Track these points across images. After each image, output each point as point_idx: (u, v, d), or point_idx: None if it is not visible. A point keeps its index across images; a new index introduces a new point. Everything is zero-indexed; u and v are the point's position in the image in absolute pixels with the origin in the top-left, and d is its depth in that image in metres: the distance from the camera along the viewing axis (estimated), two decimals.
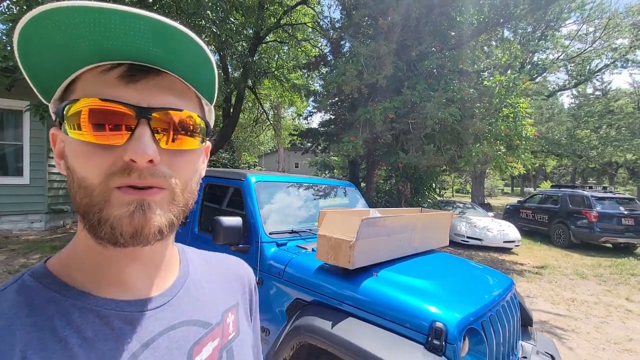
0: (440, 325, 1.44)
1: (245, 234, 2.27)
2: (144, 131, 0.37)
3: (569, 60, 16.55)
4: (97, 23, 0.33)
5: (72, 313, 0.37)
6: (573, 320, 4.28)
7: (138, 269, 0.42)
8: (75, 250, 0.42)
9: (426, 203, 8.83)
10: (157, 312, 0.42)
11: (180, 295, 0.46)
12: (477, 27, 6.52)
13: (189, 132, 0.41)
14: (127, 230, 0.36)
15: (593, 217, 8.48)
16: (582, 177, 29.68)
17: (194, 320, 0.46)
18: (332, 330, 1.57)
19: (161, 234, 0.38)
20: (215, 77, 0.43)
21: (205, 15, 5.57)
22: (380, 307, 1.61)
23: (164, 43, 0.36)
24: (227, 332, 0.49)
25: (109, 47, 0.35)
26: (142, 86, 0.38)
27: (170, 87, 0.40)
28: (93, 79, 0.37)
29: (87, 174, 0.36)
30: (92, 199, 0.36)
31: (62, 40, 0.33)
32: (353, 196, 3.32)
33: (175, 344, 0.42)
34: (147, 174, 0.37)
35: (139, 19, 0.33)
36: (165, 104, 0.39)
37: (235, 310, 0.53)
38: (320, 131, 11.70)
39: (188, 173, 0.42)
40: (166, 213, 0.39)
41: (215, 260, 0.58)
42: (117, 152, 0.36)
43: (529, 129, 6.65)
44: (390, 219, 1.99)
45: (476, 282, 2.01)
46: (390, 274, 1.82)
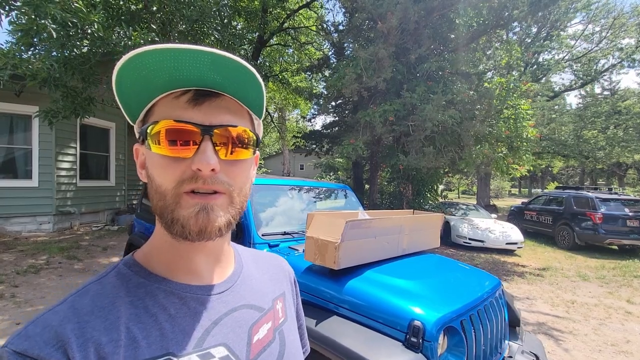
0: (418, 323, 1.49)
1: (239, 235, 2.35)
2: (207, 145, 0.44)
3: (574, 61, 16.39)
4: (171, 59, 0.41)
5: (158, 295, 0.46)
6: (571, 322, 4.28)
7: (204, 259, 0.51)
8: (154, 244, 0.51)
9: (428, 205, 8.85)
10: (222, 296, 0.51)
11: (238, 283, 0.55)
12: (477, 29, 6.54)
13: (243, 145, 0.48)
14: (194, 228, 0.44)
15: (597, 219, 8.40)
16: (591, 178, 29.24)
17: (251, 304, 0.54)
18: (315, 327, 1.63)
19: (220, 231, 0.46)
20: (264, 96, 0.51)
21: (209, 22, 5.71)
22: (363, 306, 1.67)
23: (221, 71, 0.44)
24: (277, 316, 0.58)
25: (178, 77, 0.43)
26: (206, 108, 0.45)
27: (227, 107, 0.47)
28: (168, 103, 0.45)
29: (162, 181, 0.44)
30: (165, 202, 0.44)
31: (146, 74, 0.42)
32: (349, 199, 3.38)
33: (237, 323, 0.50)
34: (210, 181, 0.44)
35: (202, 54, 0.41)
36: (223, 121, 0.46)
37: (282, 299, 0.62)
38: (324, 133, 11.79)
39: (243, 179, 0.50)
40: (225, 214, 0.46)
41: (261, 257, 0.67)
42: (187, 163, 0.44)
43: (529, 131, 6.65)
44: (376, 221, 2.05)
45: (460, 282, 2.06)
46: (375, 274, 1.88)
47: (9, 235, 6.56)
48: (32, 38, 4.11)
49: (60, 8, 3.89)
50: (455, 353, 1.60)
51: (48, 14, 3.80)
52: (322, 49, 12.50)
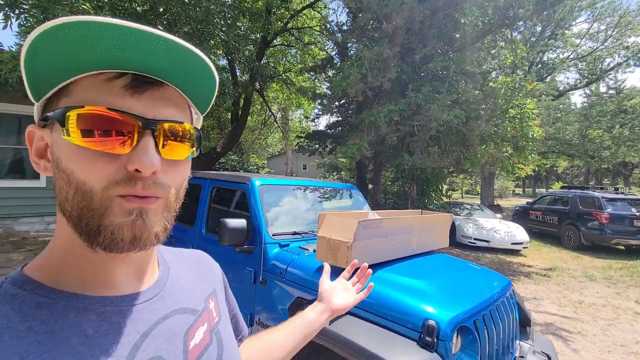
0: (433, 323, 1.50)
1: (250, 235, 2.37)
2: (149, 142, 0.38)
3: (580, 59, 16.29)
4: (115, 38, 0.35)
5: (68, 314, 0.38)
6: (580, 322, 4.26)
7: (127, 269, 0.44)
8: (56, 254, 0.42)
9: (433, 205, 8.83)
10: (150, 303, 0.45)
11: (168, 286, 0.49)
12: (482, 28, 6.52)
13: (188, 145, 0.43)
14: (127, 236, 0.38)
15: (604, 219, 8.35)
16: (596, 177, 29.02)
17: (184, 308, 0.49)
18: (330, 327, 1.64)
19: (157, 239, 0.41)
20: (215, 93, 0.46)
21: (214, 22, 5.73)
22: (377, 306, 1.68)
23: (174, 60, 0.39)
24: (212, 316, 0.53)
25: (117, 57, 0.37)
26: (147, 98, 0.39)
27: (172, 100, 0.42)
28: (97, 86, 0.38)
29: (87, 179, 0.37)
30: (91, 204, 0.37)
31: (74, 48, 0.35)
32: (355, 198, 3.39)
33: (171, 331, 0.44)
34: (150, 183, 0.39)
35: (157, 38, 0.36)
36: (169, 116, 0.41)
37: (214, 297, 0.57)
38: (327, 133, 11.79)
39: (181, 181, 0.45)
40: (161, 220, 0.41)
41: (185, 255, 0.61)
42: (121, 160, 0.38)
43: (535, 130, 6.62)
44: (387, 221, 2.06)
45: (472, 282, 2.06)
46: (387, 274, 1.89)
47: (18, 235, 6.62)
48: None
49: (68, 10, 3.93)
50: (468, 352, 1.60)
51: (56, 16, 3.84)
52: (326, 49, 12.51)
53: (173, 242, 3.25)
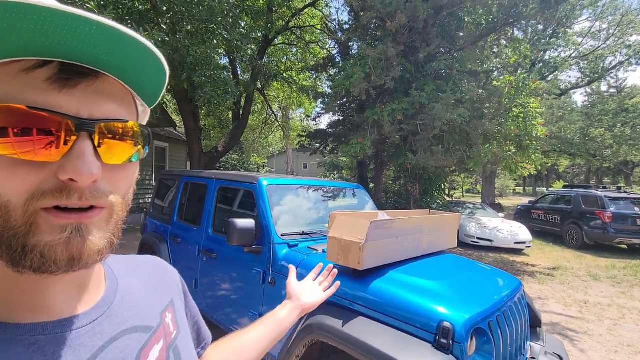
0: (448, 324, 1.48)
1: (258, 235, 2.35)
2: (86, 146, 0.32)
3: (581, 58, 16.26)
4: (38, 20, 0.28)
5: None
6: (585, 322, 4.25)
7: (64, 288, 0.37)
8: None
9: (435, 204, 8.81)
10: (94, 326, 0.38)
11: (116, 303, 0.43)
12: (486, 27, 6.49)
13: (133, 145, 0.37)
14: (62, 257, 0.31)
15: (607, 218, 8.34)
16: (597, 176, 29.00)
17: (135, 326, 0.43)
18: (343, 329, 1.63)
19: (101, 255, 0.35)
20: (165, 83, 0.40)
21: (217, 21, 5.70)
22: (390, 307, 1.66)
23: (112, 47, 0.32)
24: (169, 331, 0.48)
25: (39, 42, 0.29)
26: (81, 93, 0.33)
27: (111, 93, 0.35)
28: (11, 77, 0.30)
29: (4, 191, 0.30)
30: (10, 222, 0.31)
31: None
32: (362, 198, 3.37)
33: (120, 355, 0.39)
34: (89, 194, 0.32)
35: (88, 22, 0.29)
36: (108, 113, 0.35)
37: (172, 308, 0.52)
38: (329, 132, 11.77)
39: (127, 187, 0.39)
40: (106, 233, 0.35)
41: (138, 263, 0.55)
42: (49, 169, 0.31)
43: (539, 129, 6.60)
44: (398, 221, 2.05)
45: (484, 283, 2.05)
46: (399, 275, 1.87)
47: None
48: None
49: None
50: (483, 355, 1.59)
51: None
52: (327, 48, 12.49)
53: (178, 242, 3.24)
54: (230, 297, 2.60)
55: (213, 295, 2.77)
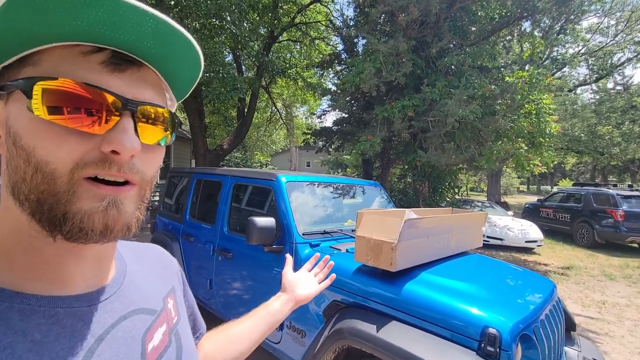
0: (494, 331, 1.38)
1: (278, 234, 2.26)
2: (129, 123, 0.35)
3: (590, 55, 16.04)
4: (99, 9, 0.31)
5: (11, 317, 0.33)
6: (606, 323, 4.14)
7: (83, 264, 0.39)
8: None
9: (444, 202, 8.69)
10: (106, 304, 0.41)
11: (125, 285, 0.45)
12: (499, 21, 6.35)
13: (165, 129, 0.41)
14: (97, 226, 0.34)
15: (619, 216, 8.20)
16: (602, 174, 28.73)
17: (142, 308, 0.45)
18: (377, 334, 1.53)
19: (129, 230, 0.37)
20: (197, 79, 0.44)
21: (224, 16, 5.59)
22: (426, 311, 1.57)
23: (160, 40, 0.36)
24: (170, 317, 0.50)
25: (99, 31, 0.33)
26: (128, 77, 0.36)
27: (151, 82, 0.39)
28: (71, 58, 0.34)
29: (51, 158, 0.33)
30: (54, 187, 0.33)
31: (52, 17, 0.31)
32: (380, 196, 3.27)
33: (129, 334, 0.41)
34: (126, 168, 0.35)
35: (146, 15, 0.33)
36: (149, 98, 0.38)
37: (173, 295, 0.54)
38: (334, 130, 11.65)
39: (155, 168, 0.41)
40: (135, 210, 0.38)
41: (141, 249, 0.58)
42: (94, 140, 0.34)
43: (552, 126, 6.46)
44: (428, 220, 1.95)
45: (521, 286, 1.95)
46: (433, 277, 1.77)
47: None
48: None
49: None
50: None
51: None
52: (333, 44, 12.35)
53: (191, 240, 3.15)
54: (247, 298, 2.51)
55: (229, 295, 2.68)
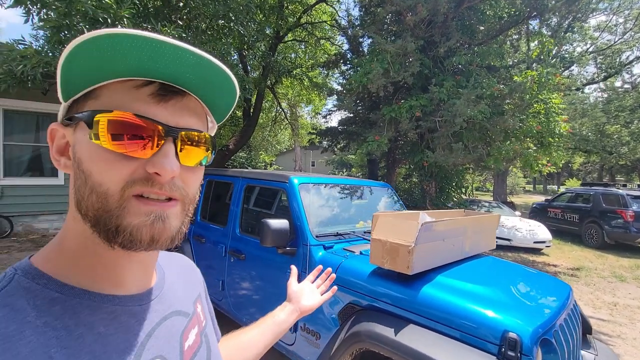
0: (514, 335, 1.38)
1: (292, 236, 2.26)
2: (171, 148, 0.40)
3: (598, 53, 15.85)
4: (150, 50, 0.36)
5: (81, 311, 0.38)
6: (617, 325, 4.10)
7: (135, 269, 0.45)
8: (67, 249, 0.42)
9: (451, 202, 8.65)
10: (153, 304, 0.46)
11: (165, 289, 0.51)
12: (507, 20, 6.29)
13: (205, 151, 0.45)
14: (145, 238, 0.39)
15: (629, 217, 8.10)
16: (610, 174, 28.38)
17: (179, 310, 0.51)
18: (396, 337, 1.53)
19: (172, 241, 0.42)
20: (234, 105, 0.49)
21: (232, 17, 5.60)
22: (445, 314, 1.56)
23: (200, 72, 0.40)
24: (200, 320, 0.56)
25: (148, 67, 0.38)
26: (172, 106, 0.41)
27: (194, 109, 0.44)
28: (125, 92, 0.39)
29: (104, 180, 0.38)
30: (107, 205, 0.38)
31: (111, 56, 0.36)
32: (391, 198, 3.27)
33: (170, 332, 0.46)
34: (168, 187, 0.40)
35: (187, 52, 0.37)
36: (190, 125, 0.43)
37: (200, 301, 0.59)
38: (340, 130, 11.63)
39: (196, 186, 0.46)
40: (178, 223, 0.42)
41: (171, 258, 0.62)
42: (139, 163, 0.39)
43: (562, 126, 6.40)
44: (444, 223, 1.94)
45: (538, 289, 1.93)
46: (449, 280, 1.77)
47: (37, 232, 6.63)
48: (61, 35, 4.07)
49: (92, 4, 3.83)
50: None
51: (80, 10, 3.75)
52: (338, 43, 12.33)
53: (202, 242, 3.16)
54: (261, 300, 2.52)
55: (242, 297, 2.69)
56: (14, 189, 6.39)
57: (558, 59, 13.85)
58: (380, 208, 3.09)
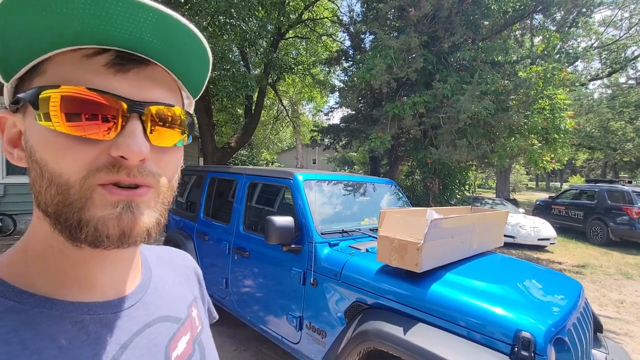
0: (527, 334, 1.34)
1: (296, 233, 2.23)
2: (137, 126, 0.34)
3: (603, 48, 15.69)
4: (99, 7, 0.30)
5: (41, 322, 0.34)
6: (625, 323, 4.05)
7: (110, 269, 0.39)
8: (32, 250, 0.37)
9: (454, 199, 8.60)
10: (131, 311, 0.41)
11: (150, 291, 0.45)
12: (512, 15, 6.21)
13: (179, 130, 0.39)
14: (114, 232, 0.33)
15: (635, 214, 8.03)
16: (614, 171, 28.18)
17: (167, 316, 0.45)
18: (405, 336, 1.50)
19: (149, 235, 0.36)
20: (208, 74, 0.42)
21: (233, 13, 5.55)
22: (455, 313, 1.52)
23: (164, 35, 0.34)
24: (195, 325, 0.49)
25: (100, 31, 0.32)
26: (134, 77, 0.35)
27: (161, 80, 0.38)
28: (75, 63, 0.33)
29: (63, 169, 0.32)
30: (67, 197, 0.33)
31: (52, 20, 0.30)
32: (396, 194, 3.23)
33: (152, 342, 0.41)
34: (137, 172, 0.34)
35: (146, 9, 0.31)
36: (158, 98, 0.37)
37: (196, 304, 0.53)
38: (342, 127, 11.58)
39: (173, 170, 0.40)
40: (154, 213, 0.37)
41: (165, 254, 0.56)
42: (102, 146, 0.33)
43: (567, 122, 6.32)
44: (453, 220, 1.90)
45: (549, 287, 1.89)
46: (459, 278, 1.73)
47: None
48: None
49: None
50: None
51: None
52: (340, 40, 12.26)
53: (206, 239, 3.14)
54: (265, 297, 2.49)
55: (245, 294, 2.66)
56: (17, 187, 6.39)
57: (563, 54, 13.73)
58: (385, 205, 3.06)
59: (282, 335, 2.30)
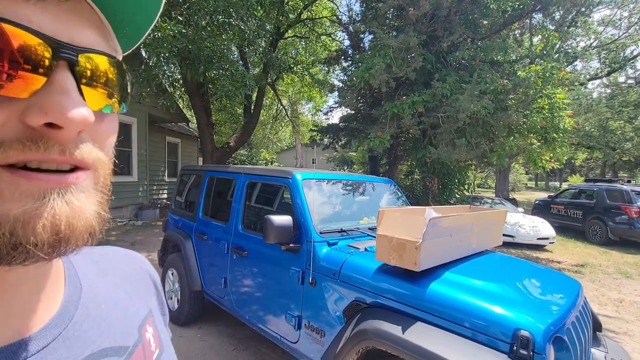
0: (526, 333, 1.33)
1: (295, 232, 2.22)
2: (69, 80, 0.24)
3: (602, 48, 15.70)
4: None
5: None
6: (624, 322, 4.05)
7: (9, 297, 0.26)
8: None
9: (453, 199, 8.60)
10: (45, 353, 0.28)
11: (76, 320, 0.32)
12: (511, 14, 6.21)
13: (120, 90, 0.29)
14: (42, 236, 0.22)
15: (634, 213, 8.04)
16: (613, 170, 28.22)
17: (104, 349, 0.32)
18: (403, 335, 1.49)
19: (92, 235, 0.26)
20: (153, 23, 0.31)
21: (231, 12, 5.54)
22: (454, 312, 1.52)
23: None
24: (149, 351, 0.37)
25: None
26: (54, 8, 0.24)
27: (89, 19, 0.27)
28: None
29: None
30: None
31: None
32: (395, 193, 3.22)
33: None
34: (73, 147, 0.24)
35: None
36: (90, 43, 0.26)
37: (152, 320, 0.41)
38: (341, 127, 11.58)
39: (111, 143, 0.30)
40: (95, 205, 0.26)
41: (104, 259, 0.42)
42: (11, 109, 0.22)
43: (566, 121, 6.32)
44: (451, 219, 1.89)
45: (547, 286, 1.89)
46: (457, 277, 1.73)
47: None
48: None
49: None
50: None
51: None
52: (339, 39, 12.25)
53: (204, 239, 3.13)
54: (264, 297, 2.48)
55: (245, 294, 2.66)
56: None
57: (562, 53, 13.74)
58: (384, 204, 3.05)
59: (281, 334, 2.29)
